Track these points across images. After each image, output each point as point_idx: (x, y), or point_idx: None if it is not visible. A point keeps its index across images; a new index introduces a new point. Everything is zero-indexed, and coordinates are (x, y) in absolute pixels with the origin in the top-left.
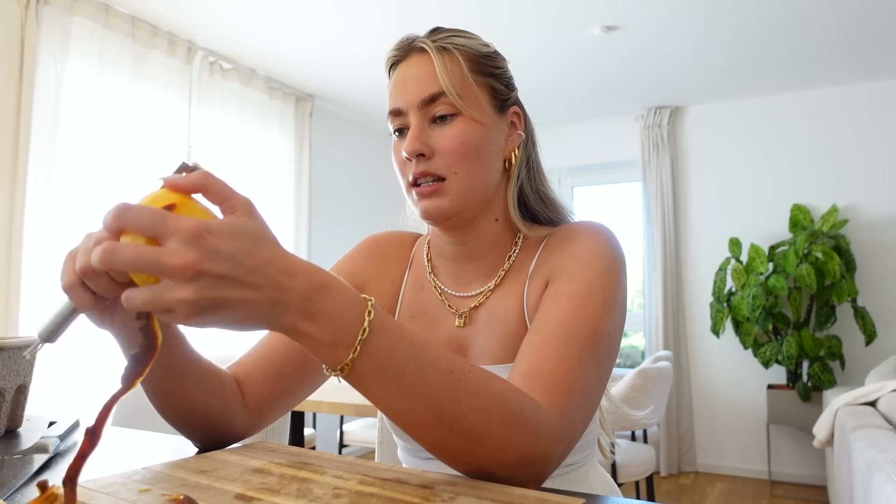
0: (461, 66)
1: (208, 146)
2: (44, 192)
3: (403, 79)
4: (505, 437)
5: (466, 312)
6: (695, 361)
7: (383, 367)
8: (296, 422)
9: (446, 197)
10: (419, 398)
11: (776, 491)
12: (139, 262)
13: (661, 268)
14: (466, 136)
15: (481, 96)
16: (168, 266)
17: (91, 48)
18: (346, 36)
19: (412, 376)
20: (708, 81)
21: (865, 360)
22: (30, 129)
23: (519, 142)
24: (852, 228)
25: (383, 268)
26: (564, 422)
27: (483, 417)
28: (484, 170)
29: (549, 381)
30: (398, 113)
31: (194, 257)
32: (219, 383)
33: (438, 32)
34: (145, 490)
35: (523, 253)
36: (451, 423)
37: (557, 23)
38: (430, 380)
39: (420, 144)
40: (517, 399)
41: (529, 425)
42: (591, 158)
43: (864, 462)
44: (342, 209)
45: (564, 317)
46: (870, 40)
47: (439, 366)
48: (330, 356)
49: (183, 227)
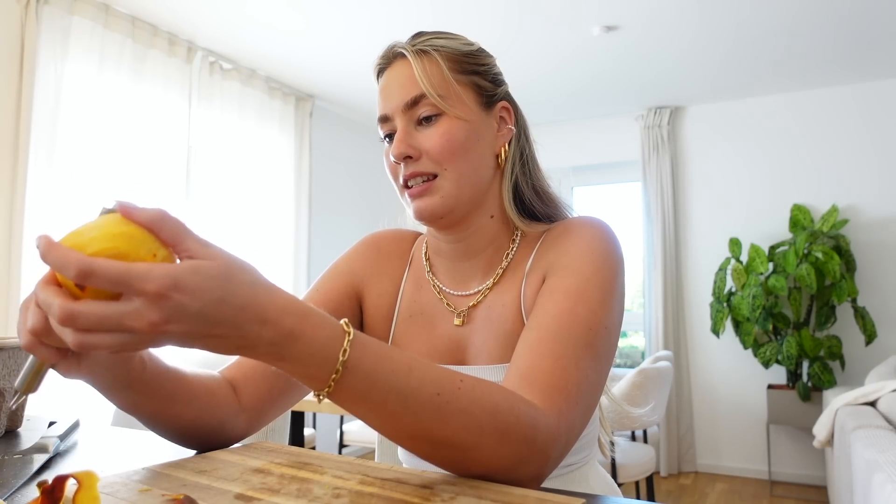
0: (440, 66)
1: (208, 146)
2: (44, 191)
3: (387, 85)
4: (498, 446)
5: (465, 311)
6: (695, 361)
7: (362, 398)
8: (296, 422)
9: (437, 195)
10: (404, 423)
11: (776, 491)
12: (102, 325)
13: (661, 268)
14: (451, 133)
15: (464, 94)
16: (133, 328)
17: (91, 48)
18: (346, 36)
19: (395, 405)
20: (708, 81)
21: (865, 360)
22: (30, 128)
23: (509, 136)
24: (852, 228)
25: (383, 266)
26: (562, 421)
27: (474, 432)
28: (473, 166)
29: (546, 380)
30: (385, 119)
31: (158, 318)
32: (209, 396)
33: (419, 36)
34: (145, 490)
35: (521, 249)
36: (441, 441)
37: (557, 23)
38: (415, 407)
39: (406, 147)
40: (512, 408)
41: (525, 431)
42: (591, 158)
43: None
44: (342, 209)
45: (560, 313)
46: (870, 40)
47: (424, 391)
48: (307, 384)
49: (147, 291)
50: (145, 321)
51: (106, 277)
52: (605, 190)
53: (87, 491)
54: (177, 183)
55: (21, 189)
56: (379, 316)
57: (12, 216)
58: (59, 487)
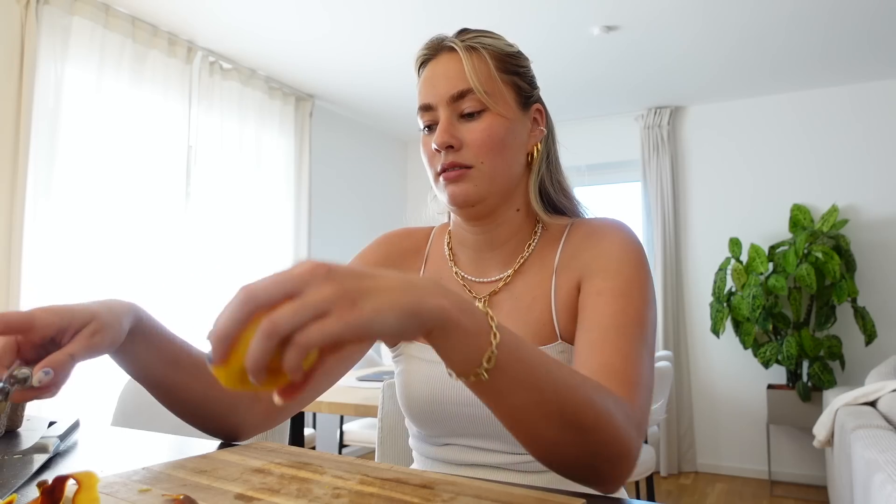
0: (488, 64)
1: (208, 146)
2: (44, 191)
3: (433, 76)
4: (612, 430)
5: (486, 297)
6: (695, 361)
7: (517, 358)
8: (296, 422)
9: (471, 182)
10: (546, 389)
11: (776, 491)
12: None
13: (661, 268)
14: (493, 129)
15: (506, 93)
16: (316, 297)
17: (91, 48)
18: (345, 36)
19: (539, 366)
20: (708, 81)
21: (865, 360)
22: (30, 128)
23: (541, 137)
24: (852, 228)
25: (398, 263)
26: (641, 411)
27: (593, 410)
28: (508, 162)
29: (621, 377)
30: (428, 108)
31: (325, 270)
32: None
33: (466, 33)
34: (145, 490)
35: (543, 242)
36: (570, 416)
37: (557, 22)
38: (553, 369)
39: (449, 137)
40: (609, 393)
41: (625, 419)
42: (591, 158)
43: (865, 462)
44: (342, 209)
45: (615, 314)
46: (870, 40)
47: (564, 369)
48: (474, 347)
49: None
50: (308, 264)
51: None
52: (605, 190)
53: (87, 492)
54: (177, 182)
55: (21, 188)
56: None
57: (12, 215)
58: (59, 488)
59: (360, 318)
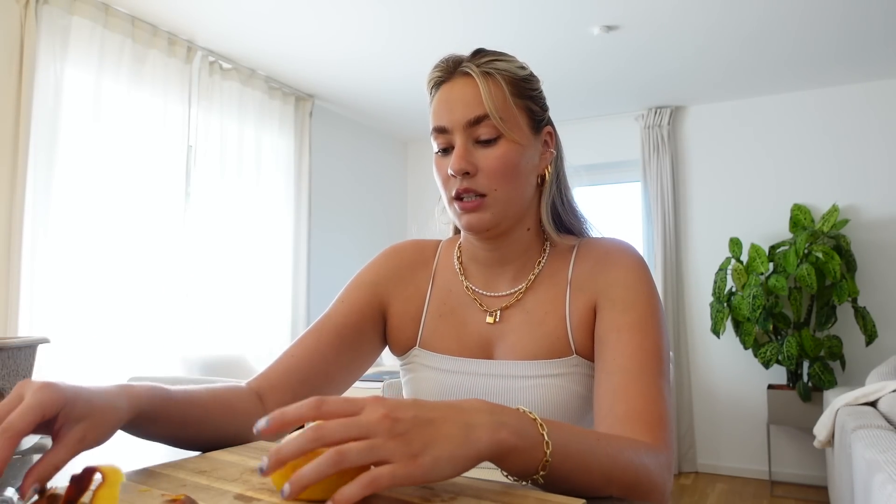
0: (503, 90)
1: (208, 146)
2: (44, 190)
3: (449, 99)
4: (649, 483)
5: (497, 311)
6: (695, 361)
7: (566, 454)
8: None
9: (488, 212)
10: (594, 469)
11: (776, 491)
12: (348, 430)
13: (661, 268)
14: (508, 157)
15: (520, 118)
16: (369, 422)
17: (91, 48)
18: (345, 35)
19: (587, 452)
20: (708, 81)
21: (866, 360)
22: (29, 128)
23: (551, 159)
24: (853, 228)
25: (406, 275)
26: (669, 451)
27: (634, 472)
28: (521, 186)
29: (647, 419)
30: (443, 131)
31: (385, 409)
32: (226, 410)
33: (481, 56)
34: (145, 490)
35: (552, 259)
36: (616, 482)
37: (557, 22)
38: (596, 447)
39: (466, 163)
40: (641, 446)
41: (658, 466)
42: (591, 158)
43: (865, 462)
44: (342, 209)
45: (634, 352)
46: (869, 40)
47: (589, 436)
48: (531, 461)
49: (366, 399)
50: (377, 413)
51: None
52: (605, 190)
53: (109, 489)
54: (176, 182)
55: (21, 188)
56: (407, 317)
57: (12, 215)
58: (86, 478)
59: (420, 468)
